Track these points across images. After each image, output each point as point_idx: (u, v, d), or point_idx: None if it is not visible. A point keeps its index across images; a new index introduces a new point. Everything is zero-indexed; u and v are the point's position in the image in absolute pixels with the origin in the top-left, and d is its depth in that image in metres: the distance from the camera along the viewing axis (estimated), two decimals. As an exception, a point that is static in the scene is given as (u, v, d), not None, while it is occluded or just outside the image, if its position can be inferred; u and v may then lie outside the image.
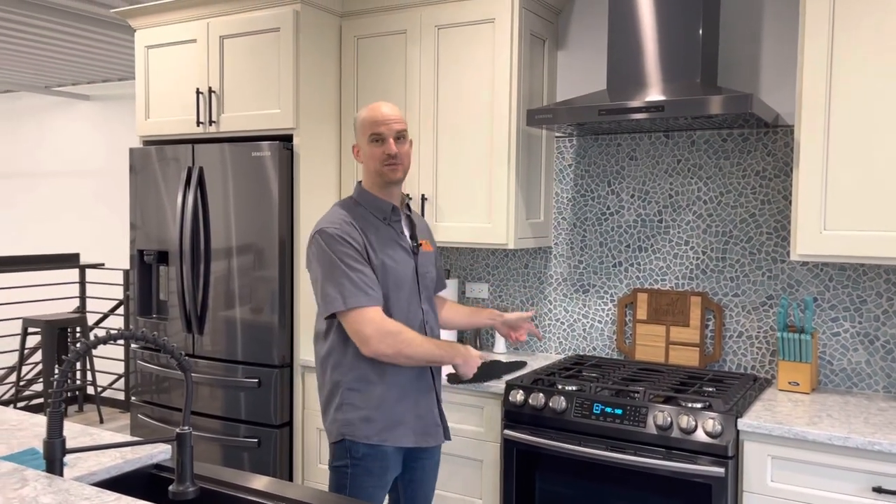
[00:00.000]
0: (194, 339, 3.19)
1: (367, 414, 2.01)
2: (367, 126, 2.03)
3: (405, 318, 2.04)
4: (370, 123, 2.02)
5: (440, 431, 2.13)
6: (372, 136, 2.01)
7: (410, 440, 2.06)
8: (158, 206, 3.28)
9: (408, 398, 2.05)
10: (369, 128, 2.02)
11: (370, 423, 2.01)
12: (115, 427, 5.27)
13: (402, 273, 2.04)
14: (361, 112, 2.07)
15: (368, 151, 2.03)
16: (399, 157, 2.02)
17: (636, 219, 2.97)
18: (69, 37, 4.61)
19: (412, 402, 2.06)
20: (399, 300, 2.03)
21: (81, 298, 5.81)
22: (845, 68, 2.26)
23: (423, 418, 2.08)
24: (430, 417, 2.10)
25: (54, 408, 1.39)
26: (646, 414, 2.30)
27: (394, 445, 2.03)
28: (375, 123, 2.01)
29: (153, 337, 1.41)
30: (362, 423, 2.01)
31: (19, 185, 6.70)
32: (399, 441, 2.03)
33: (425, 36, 2.98)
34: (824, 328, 2.63)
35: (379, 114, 2.02)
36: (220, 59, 3.16)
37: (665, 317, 2.88)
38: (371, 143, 2.02)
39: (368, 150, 2.03)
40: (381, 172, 2.02)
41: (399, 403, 2.03)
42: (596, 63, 3.03)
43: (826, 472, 2.08)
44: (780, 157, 2.70)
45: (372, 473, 2.02)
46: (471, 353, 2.06)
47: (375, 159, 2.02)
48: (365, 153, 2.05)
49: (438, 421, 2.13)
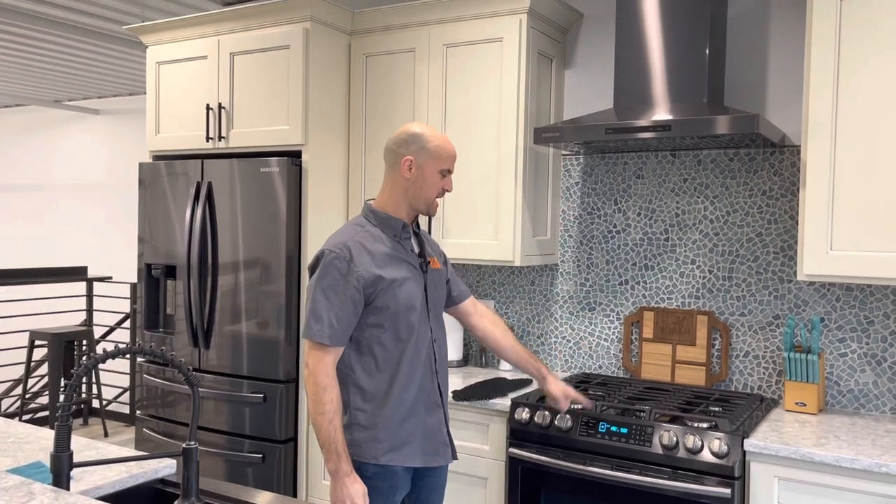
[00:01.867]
0: (200, 354, 3.20)
1: (373, 434, 2.00)
2: (442, 158, 2.05)
3: (415, 336, 2.03)
4: (447, 157, 2.06)
5: (448, 451, 2.11)
6: (444, 170, 2.06)
7: (418, 460, 2.04)
8: (167, 220, 3.30)
9: (414, 417, 2.04)
10: (445, 161, 2.06)
11: (377, 443, 2.00)
12: (120, 441, 5.27)
13: (411, 291, 2.03)
14: (436, 138, 2.05)
15: (432, 180, 2.05)
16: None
17: (642, 237, 2.97)
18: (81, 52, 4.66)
19: (419, 421, 2.04)
20: (408, 318, 2.02)
21: (88, 311, 5.83)
22: (851, 89, 2.27)
23: (430, 438, 2.06)
24: (439, 437, 2.08)
25: (62, 421, 1.40)
26: (652, 433, 2.29)
27: (402, 465, 2.02)
28: (451, 160, 2.07)
29: (161, 352, 1.42)
30: (369, 442, 2.00)
31: (29, 199, 6.75)
32: (406, 461, 2.02)
33: (434, 54, 3.00)
34: (831, 349, 2.62)
35: (452, 151, 2.08)
36: (231, 75, 3.19)
37: (671, 336, 2.87)
38: (438, 174, 2.06)
39: (432, 179, 2.05)
40: (431, 203, 2.08)
41: (406, 423, 2.02)
42: (603, 82, 3.05)
43: (833, 494, 2.07)
44: (786, 176, 2.71)
45: (381, 493, 2.01)
46: (348, 484, 1.91)
47: (434, 190, 2.06)
48: (426, 179, 2.05)
49: (447, 440, 2.11)
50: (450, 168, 2.07)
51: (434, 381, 2.08)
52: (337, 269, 1.96)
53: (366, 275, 1.96)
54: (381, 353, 2.01)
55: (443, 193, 2.09)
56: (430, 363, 2.07)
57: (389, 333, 2.00)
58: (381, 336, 2.00)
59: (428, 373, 2.06)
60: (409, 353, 2.02)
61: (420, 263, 2.08)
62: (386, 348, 2.01)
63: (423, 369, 2.05)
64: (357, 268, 1.96)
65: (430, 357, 2.07)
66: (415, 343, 2.03)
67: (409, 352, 2.02)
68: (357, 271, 1.96)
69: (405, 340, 2.02)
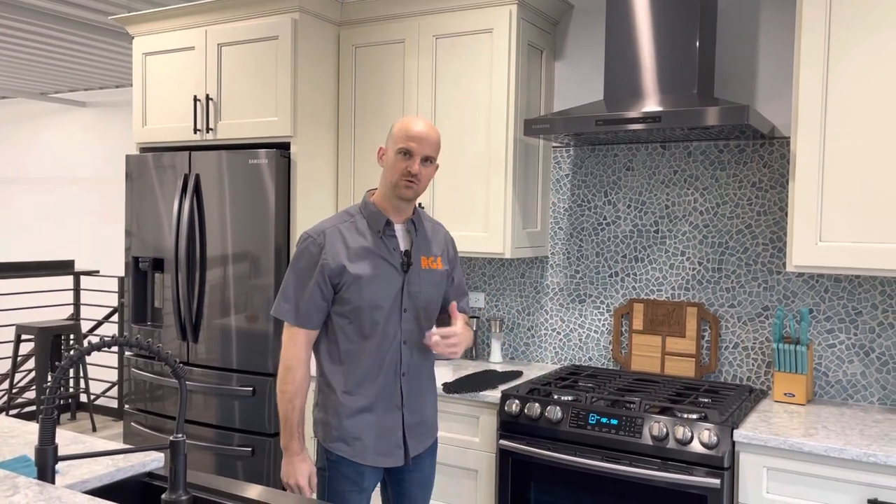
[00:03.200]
0: (188, 347, 3.18)
1: (328, 419, 2.03)
2: (399, 137, 1.96)
3: (378, 335, 1.99)
4: (403, 136, 1.96)
5: (400, 454, 2.04)
6: (401, 149, 1.95)
7: (368, 458, 2.00)
8: (154, 213, 3.27)
9: (369, 414, 2.00)
10: (401, 140, 1.96)
11: (328, 429, 2.02)
12: (108, 435, 5.24)
13: (379, 289, 1.98)
14: (401, 120, 2.00)
15: (392, 161, 1.97)
16: (418, 178, 1.96)
17: (632, 229, 2.97)
18: (66, 43, 4.61)
19: (375, 419, 2.00)
20: (373, 316, 1.97)
21: (75, 305, 5.78)
22: (841, 80, 2.27)
23: (384, 438, 2.02)
24: (392, 439, 2.03)
25: (47, 414, 1.38)
26: (641, 424, 2.29)
27: (349, 458, 1.99)
28: (408, 138, 1.95)
29: (147, 344, 1.40)
30: (324, 426, 2.04)
31: (14, 192, 6.68)
32: (354, 456, 1.99)
33: (423, 46, 2.98)
34: (820, 340, 2.63)
35: (414, 130, 1.95)
36: (218, 66, 3.16)
37: (661, 327, 2.88)
38: (397, 155, 1.96)
39: (392, 161, 1.97)
40: (396, 185, 1.97)
41: (357, 417, 1.99)
42: (593, 74, 3.04)
43: (822, 484, 2.08)
44: (776, 168, 2.71)
45: (347, 478, 2.01)
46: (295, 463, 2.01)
47: (396, 172, 1.96)
48: (388, 161, 1.99)
49: (401, 443, 2.04)
50: (408, 148, 1.94)
51: (397, 384, 2.03)
52: (309, 254, 1.98)
53: (332, 264, 1.96)
54: (344, 344, 2.01)
55: (409, 177, 1.95)
56: (395, 365, 2.02)
57: (353, 327, 1.99)
58: (346, 327, 2.00)
59: (391, 374, 2.02)
60: (369, 351, 1.99)
61: (401, 263, 2.02)
62: (350, 340, 2.00)
63: (385, 370, 2.01)
64: (326, 257, 1.96)
65: (395, 359, 2.02)
66: (378, 342, 1.99)
67: (371, 350, 1.99)
68: (325, 260, 1.96)
69: (367, 337, 1.99)
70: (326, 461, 2.03)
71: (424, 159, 1.97)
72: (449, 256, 2.18)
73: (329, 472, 2.03)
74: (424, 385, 2.12)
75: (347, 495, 2.01)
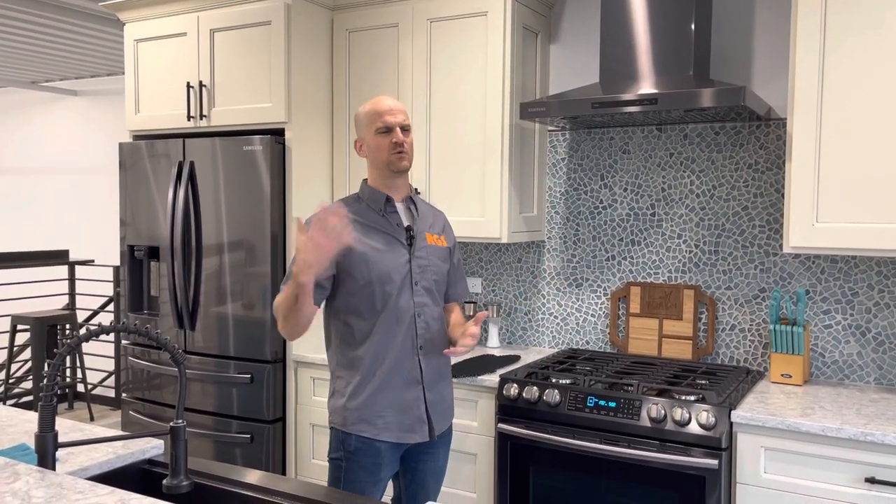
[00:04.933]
0: (186, 335, 3.17)
1: (347, 402, 2.02)
2: (372, 118, 2.02)
3: (391, 308, 2.01)
4: (376, 115, 2.01)
5: (425, 428, 2.06)
6: (379, 128, 2.00)
7: (393, 435, 2.02)
8: (149, 201, 3.26)
9: (390, 389, 2.02)
10: (375, 120, 2.01)
11: (351, 412, 2.01)
12: (106, 424, 5.24)
13: (387, 262, 2.01)
14: (364, 107, 2.06)
15: (375, 143, 2.02)
16: (405, 147, 2.02)
17: (629, 212, 2.97)
18: (56, 31, 4.56)
19: (395, 395, 2.02)
20: (383, 289, 2.00)
21: (71, 295, 5.76)
22: (838, 60, 2.27)
23: (406, 413, 2.04)
24: (415, 413, 2.05)
25: (46, 401, 1.38)
26: (639, 407, 2.30)
27: (374, 438, 2.00)
28: (381, 115, 2.01)
29: (146, 330, 1.40)
30: (344, 411, 2.03)
31: (6, 182, 6.64)
32: (380, 434, 2.00)
33: (417, 29, 2.96)
34: (816, 320, 2.64)
35: (384, 106, 2.02)
36: (211, 52, 3.13)
37: (658, 310, 2.88)
38: (378, 135, 2.01)
39: (375, 142, 2.01)
40: (390, 162, 2.01)
41: (379, 394, 2.01)
42: (589, 56, 3.03)
43: (819, 464, 2.09)
44: (772, 150, 2.71)
45: (364, 468, 2.01)
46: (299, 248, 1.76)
47: (383, 150, 2.01)
48: (371, 146, 2.03)
49: (424, 418, 2.06)
50: (384, 124, 1.99)
51: (415, 356, 2.05)
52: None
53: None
54: (356, 323, 2.02)
55: (398, 148, 2.00)
56: (412, 339, 2.04)
57: (365, 304, 2.00)
58: (357, 306, 2.01)
59: (408, 347, 2.04)
60: (384, 325, 2.01)
61: (406, 237, 2.06)
62: (362, 318, 2.01)
63: (401, 343, 2.03)
64: None
65: (411, 333, 2.04)
66: (392, 315, 2.01)
67: (385, 323, 2.01)
68: None
69: (380, 311, 2.01)
70: (343, 451, 2.02)
71: (403, 129, 2.02)
72: (450, 238, 2.22)
73: (346, 462, 2.02)
74: (441, 362, 2.13)
75: (364, 486, 2.01)
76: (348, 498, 1.53)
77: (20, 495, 1.28)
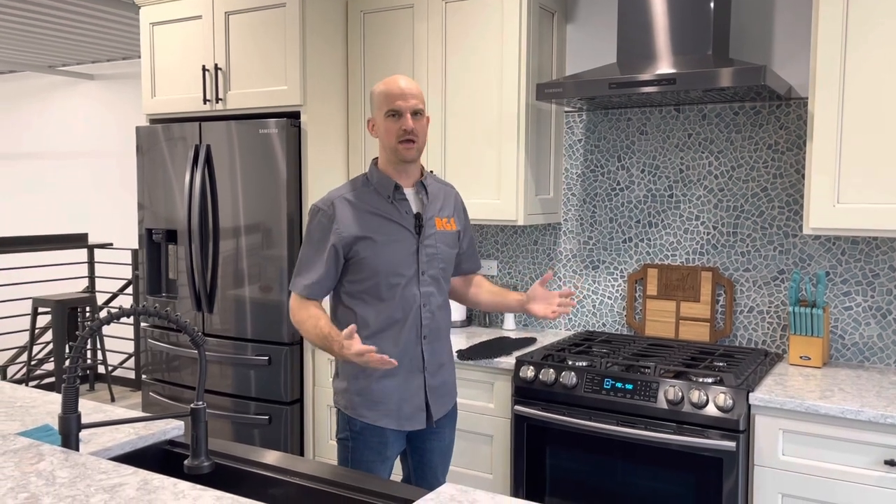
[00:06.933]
0: (204, 318, 3.20)
1: (349, 387, 2.03)
2: (383, 100, 1.95)
3: (397, 298, 2.00)
4: (387, 97, 1.95)
5: (423, 417, 2.05)
6: (388, 112, 1.94)
7: (393, 422, 2.02)
8: (166, 184, 3.27)
9: (392, 378, 2.01)
10: (386, 102, 1.95)
11: (353, 396, 2.03)
12: (127, 405, 5.31)
13: (395, 253, 1.98)
14: (378, 85, 1.99)
15: (384, 127, 1.96)
16: (415, 134, 1.95)
17: (646, 194, 2.95)
18: (72, 15, 4.57)
19: (397, 382, 2.02)
20: (389, 280, 1.98)
21: (90, 278, 5.82)
22: (861, 38, 2.22)
23: (407, 401, 2.03)
24: (416, 401, 2.04)
25: (69, 383, 1.40)
26: (657, 389, 2.30)
27: (374, 424, 2.01)
28: (392, 98, 1.94)
29: (166, 313, 1.41)
30: (347, 394, 2.04)
31: (25, 166, 6.70)
32: (379, 421, 2.01)
33: (433, 10, 2.94)
34: (836, 302, 2.61)
35: (396, 87, 1.94)
36: (226, 35, 3.13)
37: (675, 292, 2.87)
38: (387, 119, 1.95)
39: (384, 126, 1.96)
40: (396, 150, 1.96)
41: (382, 382, 2.01)
42: (606, 36, 2.99)
43: (838, 446, 2.08)
44: (792, 130, 2.67)
45: (371, 448, 2.03)
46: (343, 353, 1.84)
47: (391, 135, 1.95)
48: (380, 128, 1.98)
49: (423, 406, 2.05)
50: (395, 108, 1.93)
51: (418, 346, 2.04)
52: (320, 225, 1.99)
53: (345, 233, 1.96)
54: (362, 310, 2.01)
55: (406, 136, 1.94)
56: (417, 328, 2.03)
57: (371, 293, 2.00)
58: (363, 294, 2.01)
59: (413, 337, 2.03)
60: (389, 315, 2.00)
61: (415, 225, 2.02)
62: (368, 306, 2.01)
63: (406, 333, 2.02)
64: (337, 226, 1.96)
65: (416, 322, 2.03)
66: (397, 305, 2.00)
67: (390, 313, 2.00)
68: (336, 229, 1.96)
69: (386, 301, 2.00)
70: (350, 431, 2.04)
71: (414, 113, 1.96)
72: (460, 217, 2.18)
73: (353, 441, 2.03)
74: (444, 347, 2.14)
75: (371, 465, 2.02)
76: (363, 478, 1.54)
77: (45, 476, 1.31)
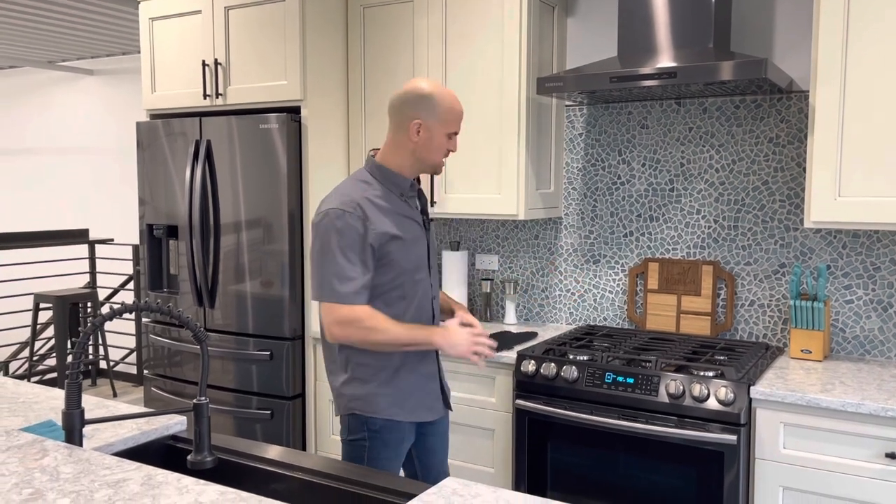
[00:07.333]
0: (205, 313, 3.20)
1: (375, 389, 2.01)
2: (451, 119, 1.99)
3: (419, 294, 2.03)
4: (455, 118, 2.00)
5: (440, 404, 2.12)
6: (452, 133, 2.01)
7: (420, 415, 2.05)
8: (167, 180, 3.27)
9: (415, 372, 2.04)
10: (453, 122, 2.00)
11: (379, 398, 2.01)
12: (129, 400, 5.32)
13: (418, 249, 2.03)
14: (441, 96, 1.97)
15: (439, 141, 1.99)
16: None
17: (647, 188, 2.95)
18: (71, 10, 4.56)
19: (420, 376, 2.05)
20: (414, 276, 2.01)
21: (91, 274, 5.83)
22: (862, 30, 2.22)
23: (429, 393, 2.08)
24: (434, 390, 2.10)
25: (72, 378, 1.40)
26: (658, 382, 2.30)
27: (399, 421, 2.01)
28: (458, 120, 2.01)
29: (168, 309, 1.41)
30: (372, 398, 2.00)
31: (25, 162, 6.70)
32: (410, 416, 2.03)
33: (433, 4, 2.93)
34: (837, 296, 2.62)
35: (460, 108, 2.02)
36: (226, 30, 3.12)
37: (676, 286, 2.87)
38: (447, 136, 2.01)
39: (439, 140, 1.99)
40: (437, 165, 2.03)
41: (407, 377, 2.03)
42: (606, 30, 2.99)
43: (839, 439, 2.09)
44: (793, 123, 2.67)
45: (388, 445, 2.02)
46: (451, 333, 1.95)
47: (441, 151, 2.01)
48: (434, 141, 1.99)
49: (439, 392, 2.12)
50: (457, 130, 2.03)
51: None
52: (354, 228, 1.90)
53: (380, 231, 1.93)
54: (384, 310, 1.98)
55: (447, 154, 2.04)
56: (430, 320, 2.07)
57: (396, 291, 1.99)
58: (387, 294, 1.99)
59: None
60: (412, 311, 2.02)
61: (424, 221, 2.08)
62: (390, 306, 1.99)
63: (427, 325, 2.06)
64: (373, 225, 1.92)
65: (430, 313, 2.07)
66: (419, 300, 2.03)
67: (413, 309, 2.02)
68: (373, 229, 1.92)
69: (409, 298, 2.01)
70: (367, 431, 2.01)
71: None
72: None
73: (370, 442, 2.01)
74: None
75: (388, 462, 2.03)
76: (366, 472, 1.55)
77: (49, 471, 1.31)
